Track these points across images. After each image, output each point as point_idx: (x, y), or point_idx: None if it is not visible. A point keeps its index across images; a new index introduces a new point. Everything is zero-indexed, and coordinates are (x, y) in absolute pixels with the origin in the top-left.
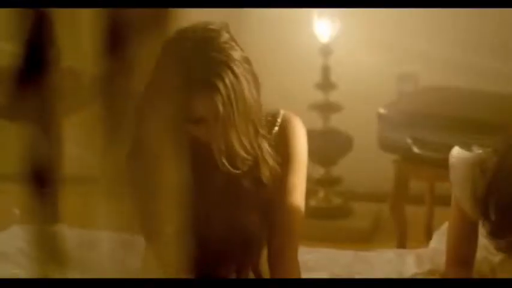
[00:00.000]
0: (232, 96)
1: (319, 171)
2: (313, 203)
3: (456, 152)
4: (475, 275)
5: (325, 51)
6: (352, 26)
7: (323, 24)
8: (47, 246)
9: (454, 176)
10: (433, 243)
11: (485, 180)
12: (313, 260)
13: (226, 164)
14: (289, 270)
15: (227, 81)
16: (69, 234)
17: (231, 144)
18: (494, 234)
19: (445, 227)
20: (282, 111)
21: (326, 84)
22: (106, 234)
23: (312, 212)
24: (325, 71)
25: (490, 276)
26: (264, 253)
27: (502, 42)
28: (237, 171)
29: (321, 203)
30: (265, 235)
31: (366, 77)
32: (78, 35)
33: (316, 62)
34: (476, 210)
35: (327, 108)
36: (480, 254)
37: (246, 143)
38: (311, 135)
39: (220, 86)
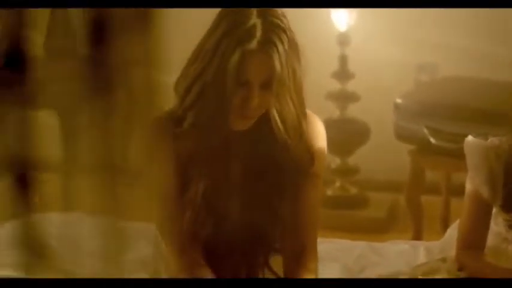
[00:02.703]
0: (287, 61)
1: (336, 161)
2: (329, 192)
3: (471, 138)
4: (492, 261)
5: (343, 40)
6: (369, 15)
7: (340, 13)
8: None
9: (471, 160)
10: (447, 235)
11: (500, 163)
12: (325, 250)
13: (282, 128)
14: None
15: (285, 45)
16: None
17: (286, 109)
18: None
19: (457, 223)
20: None
21: (343, 73)
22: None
23: (328, 202)
24: (343, 60)
25: (506, 265)
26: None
27: None
28: (289, 140)
29: (337, 193)
30: (277, 233)
31: (383, 67)
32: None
33: (334, 51)
34: (492, 193)
35: (344, 98)
36: (495, 242)
37: (295, 112)
38: (328, 124)
39: (279, 47)
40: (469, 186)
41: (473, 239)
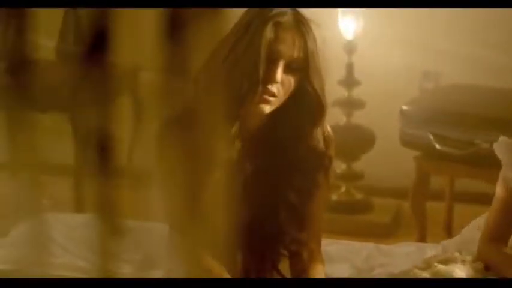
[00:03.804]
0: (316, 50)
1: (342, 167)
2: (335, 197)
3: (502, 138)
4: None
5: (349, 48)
6: (375, 23)
7: (347, 21)
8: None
9: (503, 156)
10: (462, 235)
11: None
12: (334, 251)
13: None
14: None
15: (315, 34)
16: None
17: (318, 87)
18: None
19: (473, 222)
20: None
21: (349, 80)
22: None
23: (334, 207)
24: (349, 67)
25: None
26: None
27: None
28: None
29: (343, 198)
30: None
31: (389, 74)
32: (136, 27)
33: (340, 59)
34: None
35: (350, 105)
36: None
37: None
38: (334, 130)
39: (311, 33)
40: (500, 182)
41: (498, 231)
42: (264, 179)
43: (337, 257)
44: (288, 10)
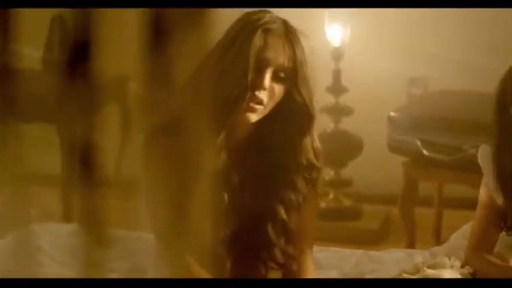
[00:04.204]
0: (305, 59)
1: (330, 173)
2: (323, 204)
3: (483, 146)
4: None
5: (336, 55)
6: (362, 30)
7: (334, 28)
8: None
9: (484, 164)
10: (451, 241)
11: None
12: (324, 258)
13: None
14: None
15: (303, 45)
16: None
17: (307, 97)
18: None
19: (462, 229)
20: None
21: (337, 87)
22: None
23: (323, 214)
24: (336, 74)
25: None
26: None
27: None
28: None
29: (331, 205)
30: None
31: (376, 81)
32: (120, 37)
33: (328, 66)
34: (501, 198)
35: (337, 111)
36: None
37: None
38: (322, 137)
39: (299, 43)
40: (482, 191)
41: (484, 241)
42: (251, 190)
43: (327, 264)
44: (278, 19)
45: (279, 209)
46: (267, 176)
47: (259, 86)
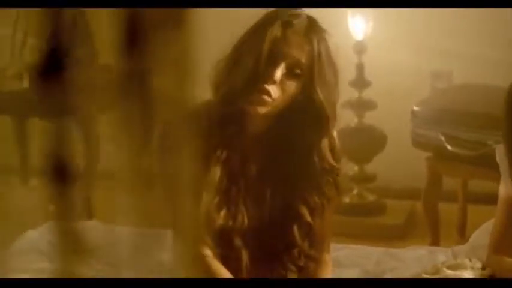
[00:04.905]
0: (326, 59)
1: (353, 169)
2: (347, 199)
3: (498, 147)
4: None
5: (359, 48)
6: (386, 24)
7: (357, 22)
8: (75, 241)
9: (501, 163)
10: (472, 240)
11: None
12: (344, 256)
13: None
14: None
15: (328, 44)
16: (101, 229)
17: (324, 98)
18: None
19: (484, 226)
20: None
21: (360, 81)
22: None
23: (346, 209)
24: (359, 68)
25: None
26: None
27: None
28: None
29: (355, 200)
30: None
31: (400, 75)
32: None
33: (350, 60)
34: None
35: (361, 106)
36: None
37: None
38: (345, 132)
39: (323, 42)
40: (502, 191)
41: (505, 240)
42: (272, 186)
43: (347, 262)
44: (303, 14)
45: (303, 211)
46: (289, 175)
47: (270, 78)
